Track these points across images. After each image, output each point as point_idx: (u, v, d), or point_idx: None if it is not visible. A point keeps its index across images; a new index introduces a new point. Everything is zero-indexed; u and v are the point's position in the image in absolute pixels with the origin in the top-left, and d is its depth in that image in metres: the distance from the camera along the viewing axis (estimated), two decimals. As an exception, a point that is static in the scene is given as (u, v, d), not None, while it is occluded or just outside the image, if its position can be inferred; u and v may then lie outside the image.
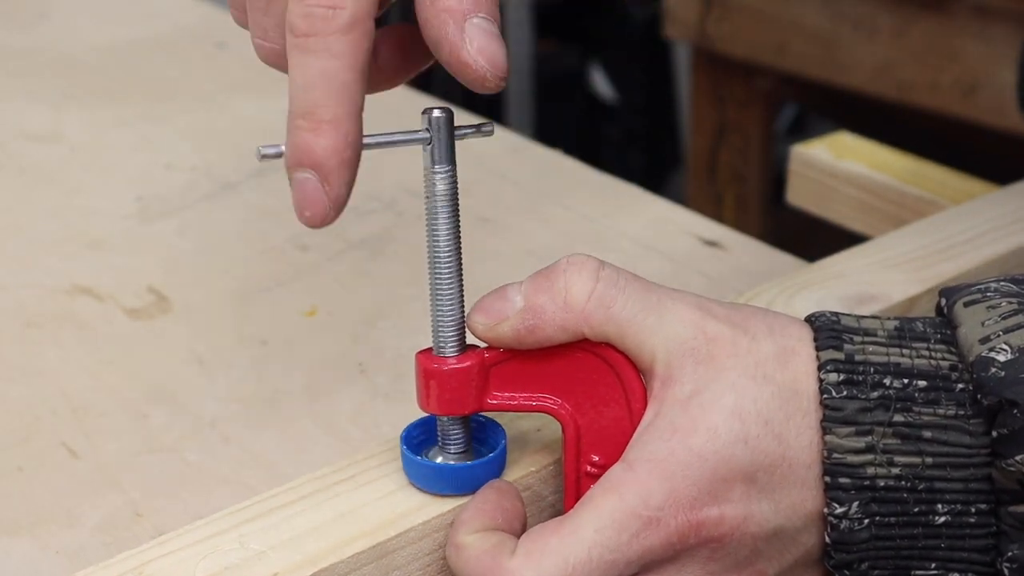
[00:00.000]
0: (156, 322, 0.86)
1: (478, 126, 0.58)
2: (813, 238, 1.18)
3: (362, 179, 0.54)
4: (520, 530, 0.56)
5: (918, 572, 0.55)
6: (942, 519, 0.54)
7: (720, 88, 1.96)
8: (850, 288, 0.71)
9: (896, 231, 0.79)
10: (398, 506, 0.58)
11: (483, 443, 0.59)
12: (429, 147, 0.55)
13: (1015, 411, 0.52)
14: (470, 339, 0.58)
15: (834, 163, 0.94)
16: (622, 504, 0.53)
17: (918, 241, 0.76)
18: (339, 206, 0.53)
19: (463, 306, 0.57)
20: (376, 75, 0.58)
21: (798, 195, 0.97)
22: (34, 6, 1.35)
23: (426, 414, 0.59)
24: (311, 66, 0.52)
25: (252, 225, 0.97)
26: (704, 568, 0.55)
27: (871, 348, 0.55)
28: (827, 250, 0.76)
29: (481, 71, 0.53)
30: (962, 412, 0.54)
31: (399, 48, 0.58)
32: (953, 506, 0.54)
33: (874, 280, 0.72)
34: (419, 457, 0.58)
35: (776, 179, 1.91)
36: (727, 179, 2.00)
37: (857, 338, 0.55)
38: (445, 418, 0.58)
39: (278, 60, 0.56)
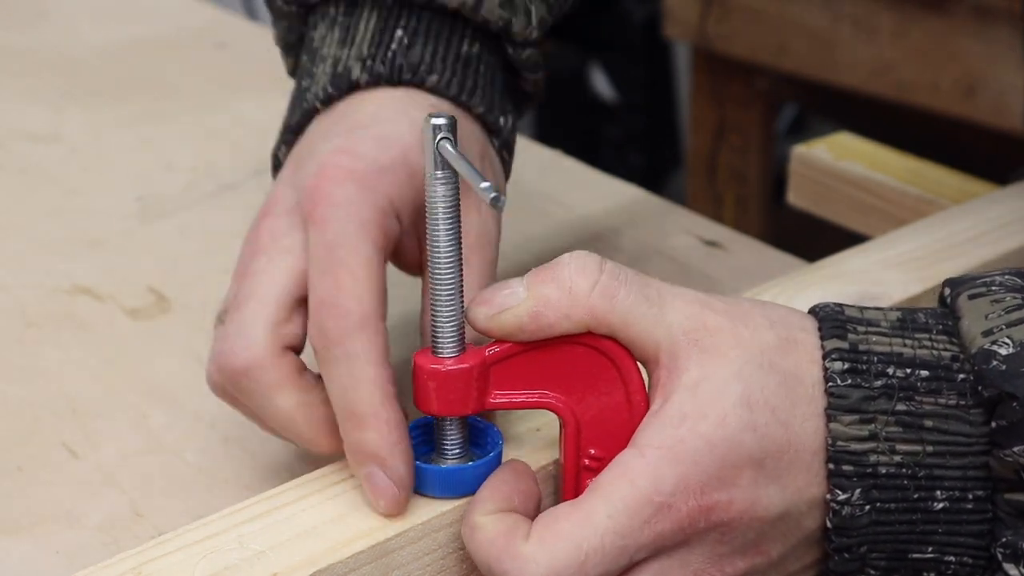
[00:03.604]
0: (156, 322, 0.86)
1: None
2: (813, 238, 1.17)
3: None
4: (535, 512, 0.56)
5: (915, 555, 0.56)
6: (940, 505, 0.55)
7: (720, 88, 1.96)
8: (850, 288, 0.71)
9: (896, 231, 0.79)
10: (398, 506, 0.57)
11: (480, 446, 0.59)
12: (431, 152, 0.55)
13: (1014, 404, 0.53)
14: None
15: (834, 163, 0.94)
16: (634, 490, 0.54)
17: (918, 241, 0.76)
18: (404, 485, 0.56)
19: (463, 307, 0.57)
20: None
21: (798, 195, 0.97)
22: (34, 6, 1.35)
23: (421, 416, 0.59)
24: (338, 372, 0.57)
25: (252, 225, 0.97)
26: (713, 550, 0.55)
27: (874, 338, 0.56)
28: (827, 250, 0.76)
29: None
30: (963, 402, 0.55)
31: None
32: (951, 493, 0.55)
33: (874, 280, 0.72)
34: (416, 461, 0.58)
35: (776, 179, 1.91)
36: (727, 179, 2.00)
37: (861, 328, 0.56)
38: (443, 419, 0.58)
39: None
